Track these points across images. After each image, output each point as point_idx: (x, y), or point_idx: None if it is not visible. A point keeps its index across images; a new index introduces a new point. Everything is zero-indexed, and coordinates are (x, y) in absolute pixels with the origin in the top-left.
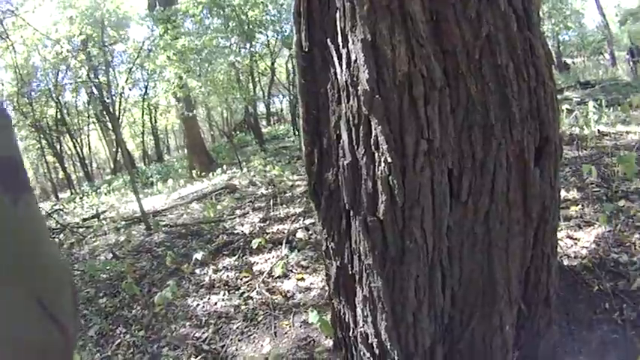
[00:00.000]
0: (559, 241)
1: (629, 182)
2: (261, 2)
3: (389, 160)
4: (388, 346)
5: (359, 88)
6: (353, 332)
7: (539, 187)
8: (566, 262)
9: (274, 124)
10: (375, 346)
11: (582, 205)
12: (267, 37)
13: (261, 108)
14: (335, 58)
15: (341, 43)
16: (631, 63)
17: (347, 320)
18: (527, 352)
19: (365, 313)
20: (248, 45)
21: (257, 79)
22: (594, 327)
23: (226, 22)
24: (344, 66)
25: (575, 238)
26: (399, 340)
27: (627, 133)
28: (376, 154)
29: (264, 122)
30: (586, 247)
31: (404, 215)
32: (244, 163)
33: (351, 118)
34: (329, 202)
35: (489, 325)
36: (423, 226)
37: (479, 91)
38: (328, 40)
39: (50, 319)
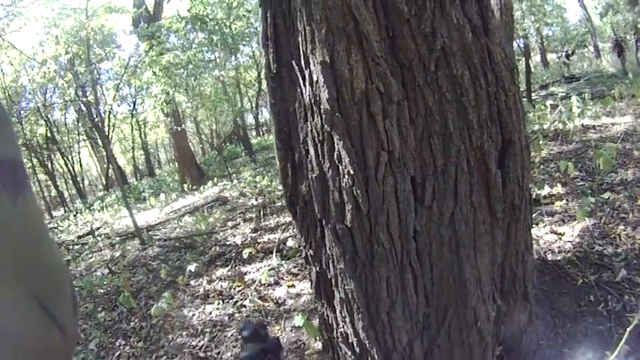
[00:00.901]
0: (542, 237)
1: (614, 174)
2: (244, 15)
3: (351, 172)
4: (367, 345)
5: (321, 106)
6: (335, 333)
7: (501, 189)
8: (550, 257)
9: (263, 134)
10: (355, 345)
11: (567, 200)
12: (252, 48)
13: (250, 119)
14: (300, 79)
15: (304, 65)
16: (617, 52)
17: (330, 322)
18: (509, 347)
19: (343, 314)
20: (233, 58)
21: (244, 91)
22: (579, 320)
23: (210, 36)
24: (307, 86)
25: (559, 233)
26: (376, 339)
27: (612, 124)
28: (340, 167)
29: (253, 133)
30: (570, 242)
31: (370, 222)
32: (234, 175)
33: (316, 135)
34: (304, 212)
35: (464, 321)
36: (390, 230)
37: (436, 102)
38: (294, 61)
39: (50, 318)
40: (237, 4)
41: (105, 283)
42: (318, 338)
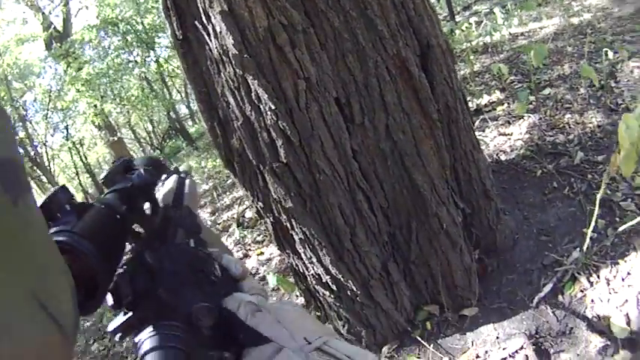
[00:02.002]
0: (492, 141)
1: (550, 71)
2: (152, 7)
3: (273, 107)
4: (341, 280)
5: (229, 54)
6: (309, 279)
7: (429, 91)
8: (503, 158)
9: (199, 121)
10: (330, 284)
11: (507, 104)
12: (168, 38)
13: (184, 110)
14: (206, 36)
15: (206, 21)
16: None
17: (301, 270)
18: (486, 248)
19: (308, 255)
20: (152, 53)
21: (170, 83)
22: (547, 207)
23: (124, 37)
24: (213, 39)
25: (508, 134)
26: (348, 270)
27: (541, 29)
28: (261, 107)
29: (189, 122)
30: (520, 139)
31: (305, 152)
32: (181, 168)
33: (231, 83)
34: (241, 165)
35: (430, 230)
36: (327, 156)
37: (342, 22)
38: (196, 22)
39: (50, 319)
40: None
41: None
42: (298, 294)
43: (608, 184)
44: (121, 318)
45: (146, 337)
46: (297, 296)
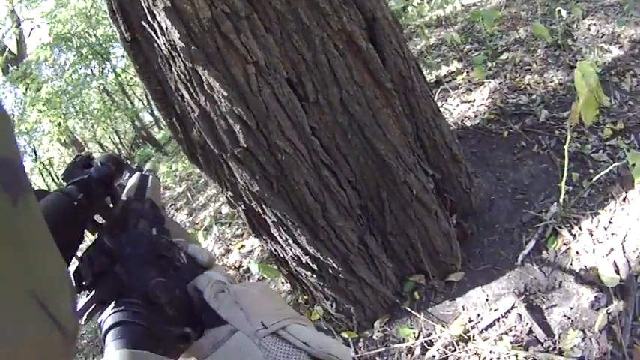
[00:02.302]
0: (455, 109)
1: (506, 36)
2: (103, 17)
3: (225, 94)
4: (321, 257)
5: (177, 48)
6: (290, 263)
7: (380, 62)
8: (468, 124)
9: (165, 126)
10: (310, 263)
11: (467, 72)
12: (122, 48)
13: (147, 117)
14: (153, 34)
15: (151, 19)
16: None
17: (280, 254)
18: (462, 211)
19: (284, 237)
20: (108, 64)
21: (130, 92)
22: (519, 166)
23: (79, 51)
24: (161, 36)
25: (470, 100)
26: (326, 247)
27: None
28: (214, 95)
29: (155, 129)
30: (483, 104)
31: (263, 134)
32: (145, 167)
33: (183, 77)
34: (205, 157)
35: (402, 198)
36: (287, 136)
37: (284, 4)
38: (142, 22)
39: (50, 319)
40: (95, 10)
41: (83, 332)
42: (284, 281)
43: (577, 137)
44: (83, 300)
45: (107, 315)
46: (282, 283)
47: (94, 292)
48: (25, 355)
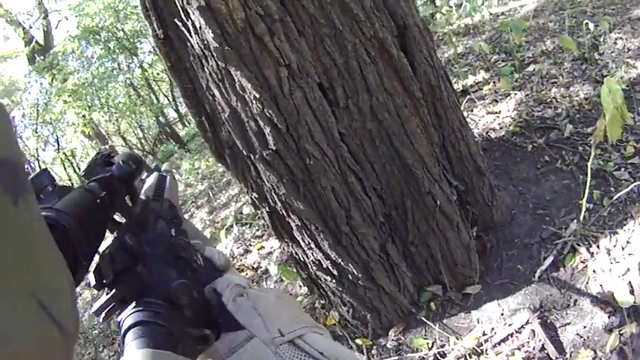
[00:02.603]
0: (480, 120)
1: (533, 48)
2: (132, 12)
3: (257, 96)
4: (342, 264)
5: (211, 48)
6: (310, 267)
7: (410, 70)
8: (493, 135)
9: (189, 123)
10: (331, 269)
11: (493, 83)
12: (150, 43)
13: (172, 113)
14: (186, 32)
15: (185, 18)
16: None
17: (301, 258)
18: (483, 224)
19: (306, 241)
20: (135, 59)
21: (156, 88)
22: (541, 181)
23: (106, 45)
24: (194, 35)
25: (496, 112)
26: (348, 254)
27: (521, 7)
28: (246, 96)
29: (179, 125)
30: (509, 116)
31: (293, 138)
32: (174, 171)
33: (215, 76)
34: (233, 157)
35: (425, 208)
36: (316, 140)
37: (318, 8)
38: (176, 20)
39: (50, 319)
40: (123, 4)
41: (95, 323)
42: (301, 284)
43: (600, 154)
44: (103, 298)
45: (128, 314)
46: (300, 286)
47: (114, 290)
48: (25, 355)
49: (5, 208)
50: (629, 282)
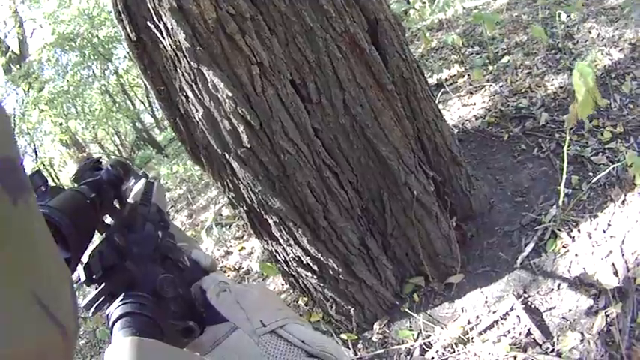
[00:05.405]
0: (456, 112)
1: (507, 40)
2: (106, 18)
3: (230, 94)
4: (322, 258)
5: (183, 49)
6: (291, 264)
7: (382, 64)
8: (469, 126)
9: (166, 128)
10: (311, 264)
11: (468, 75)
12: (125, 49)
13: (148, 119)
14: (158, 34)
15: (157, 20)
16: None
17: (281, 255)
18: (462, 214)
19: (285, 238)
20: (110, 65)
21: (132, 94)
22: (519, 169)
23: (81, 51)
24: (166, 37)
25: (471, 104)
26: (327, 248)
27: (494, 0)
28: (219, 95)
29: (156, 131)
30: (484, 107)
31: (266, 134)
32: (150, 175)
33: (188, 77)
34: (208, 158)
35: (403, 200)
36: (290, 137)
37: (289, 6)
38: (148, 22)
39: (50, 319)
40: (97, 11)
41: (81, 334)
42: (283, 282)
43: (577, 141)
44: (92, 293)
45: (116, 307)
46: (282, 284)
47: (103, 284)
48: (25, 355)
49: (5, 208)
50: (612, 263)
